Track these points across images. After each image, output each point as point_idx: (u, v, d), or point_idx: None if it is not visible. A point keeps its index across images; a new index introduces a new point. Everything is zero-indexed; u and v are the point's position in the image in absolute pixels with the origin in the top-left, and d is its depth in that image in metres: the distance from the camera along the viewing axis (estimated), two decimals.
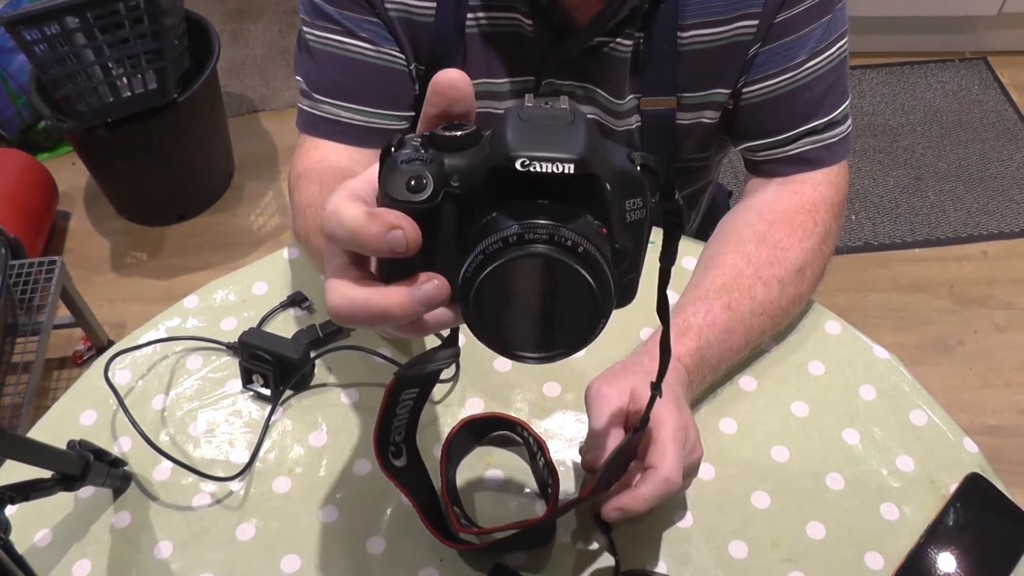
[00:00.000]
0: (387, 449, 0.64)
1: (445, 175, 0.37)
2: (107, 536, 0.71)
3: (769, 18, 0.76)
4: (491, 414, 0.73)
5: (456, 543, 0.66)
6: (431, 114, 0.39)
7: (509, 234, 0.35)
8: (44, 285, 1.63)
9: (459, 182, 0.37)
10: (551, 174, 0.35)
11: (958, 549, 0.68)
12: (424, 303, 0.37)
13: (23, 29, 1.66)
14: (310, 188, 0.75)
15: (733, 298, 0.74)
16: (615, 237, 0.39)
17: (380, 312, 0.37)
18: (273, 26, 2.58)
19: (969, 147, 2.17)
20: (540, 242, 0.35)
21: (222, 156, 2.18)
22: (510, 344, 0.38)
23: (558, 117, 0.37)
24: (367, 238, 0.36)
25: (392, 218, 0.36)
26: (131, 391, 0.80)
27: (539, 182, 0.35)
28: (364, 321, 0.38)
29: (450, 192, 0.37)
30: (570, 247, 0.35)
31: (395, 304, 0.37)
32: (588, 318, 0.37)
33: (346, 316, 0.38)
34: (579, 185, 0.36)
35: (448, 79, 0.38)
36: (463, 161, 0.37)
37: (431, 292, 0.37)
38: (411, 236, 0.36)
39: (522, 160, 0.35)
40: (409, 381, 0.60)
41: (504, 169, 0.35)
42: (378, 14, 0.78)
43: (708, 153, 0.93)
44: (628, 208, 0.39)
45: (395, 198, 0.37)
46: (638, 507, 0.60)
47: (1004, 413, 1.70)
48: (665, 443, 0.61)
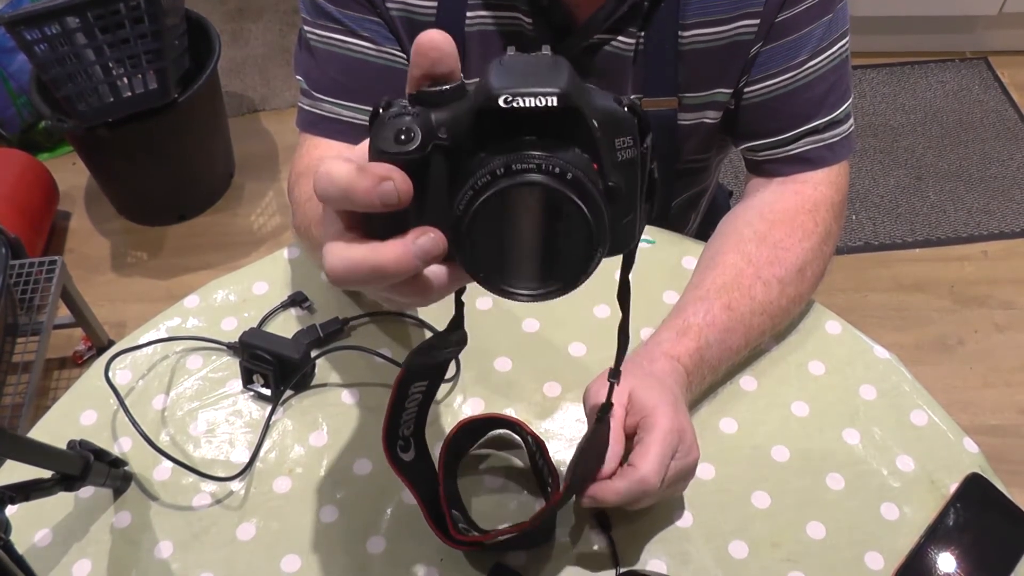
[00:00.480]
0: (395, 443, 0.64)
1: (432, 128, 0.37)
2: (107, 536, 0.71)
3: (770, 17, 0.76)
4: (490, 415, 0.73)
5: (457, 544, 0.66)
6: (416, 75, 0.39)
7: (497, 166, 0.35)
8: (44, 285, 1.63)
9: (447, 133, 0.37)
10: (535, 107, 0.35)
11: (958, 549, 0.68)
12: (420, 256, 0.37)
13: (23, 29, 1.66)
14: (310, 183, 0.75)
15: (733, 298, 0.74)
16: (607, 174, 0.38)
17: (376, 268, 0.37)
18: (273, 26, 2.58)
19: (969, 147, 2.17)
20: (530, 171, 0.35)
21: (222, 156, 2.18)
22: (505, 281, 0.38)
23: (540, 60, 0.37)
24: (358, 192, 0.36)
25: (382, 170, 0.36)
26: (131, 391, 0.80)
27: (525, 120, 0.36)
28: (361, 280, 0.38)
29: (439, 144, 0.37)
30: (559, 174, 0.35)
31: (391, 259, 0.37)
32: (583, 249, 0.37)
33: (343, 277, 0.38)
34: (565, 120, 0.36)
35: (429, 39, 0.38)
36: (449, 113, 0.38)
37: (426, 245, 0.37)
38: (402, 187, 0.36)
39: (505, 97, 0.35)
40: (419, 372, 0.59)
41: (488, 109, 0.35)
42: (379, 13, 0.78)
43: (709, 154, 0.93)
44: (618, 147, 0.39)
45: (384, 150, 0.37)
46: (609, 500, 0.61)
47: (1004, 413, 1.70)
48: (651, 444, 0.61)
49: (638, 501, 0.62)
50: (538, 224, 0.37)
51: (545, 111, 0.35)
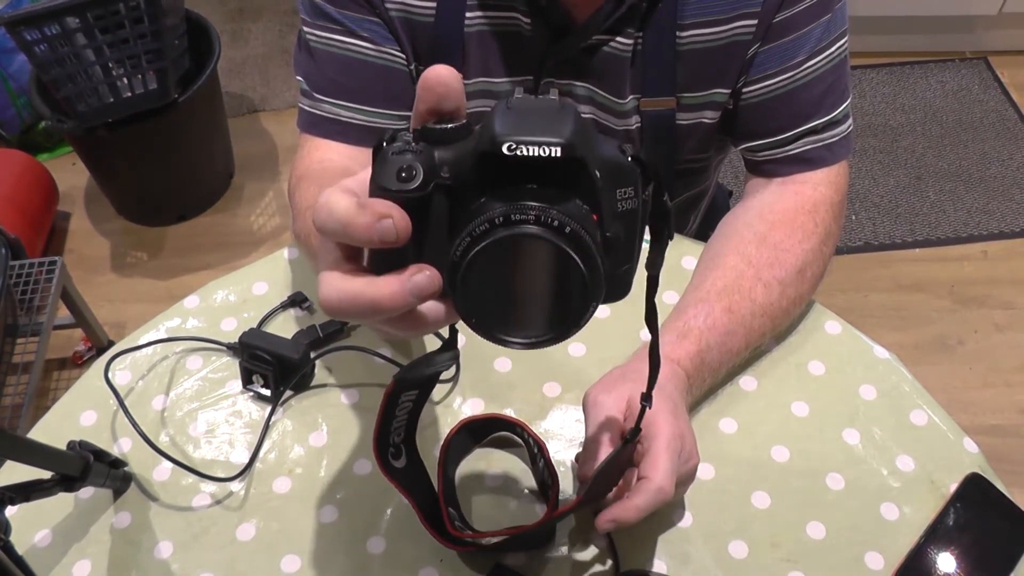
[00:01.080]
0: (387, 450, 0.64)
1: (435, 166, 0.37)
2: (107, 537, 0.71)
3: (768, 18, 0.76)
4: (490, 415, 0.73)
5: (455, 544, 0.66)
6: (421, 110, 0.39)
7: (496, 215, 0.35)
8: (44, 285, 1.63)
9: (449, 173, 0.37)
10: (538, 157, 0.35)
11: (958, 549, 0.68)
12: (415, 294, 0.37)
13: (23, 29, 1.66)
14: (311, 190, 0.75)
15: (734, 300, 0.74)
16: (606, 225, 0.38)
17: (371, 303, 0.37)
18: (273, 26, 2.58)
19: (969, 147, 2.17)
20: (527, 223, 0.35)
21: (222, 156, 2.18)
22: (498, 329, 0.38)
23: (547, 106, 0.37)
24: (357, 228, 0.36)
25: (382, 208, 0.36)
26: (131, 392, 0.80)
27: (528, 168, 0.36)
28: (355, 313, 0.38)
29: (440, 183, 0.37)
30: (557, 227, 0.35)
31: (386, 295, 0.37)
32: (577, 301, 0.37)
33: (336, 308, 0.38)
34: (567, 170, 0.36)
35: (436, 75, 0.38)
36: (453, 152, 0.38)
37: (422, 283, 0.37)
38: (400, 225, 0.36)
39: (509, 144, 0.35)
40: (408, 383, 0.60)
41: (492, 154, 0.35)
42: (378, 14, 0.78)
43: (708, 154, 0.92)
44: (619, 197, 0.39)
45: (386, 188, 0.37)
46: (630, 518, 0.60)
47: (1004, 413, 1.70)
48: (659, 453, 0.61)
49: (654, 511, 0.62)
50: (533, 275, 0.37)
51: (548, 161, 0.35)
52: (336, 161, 0.79)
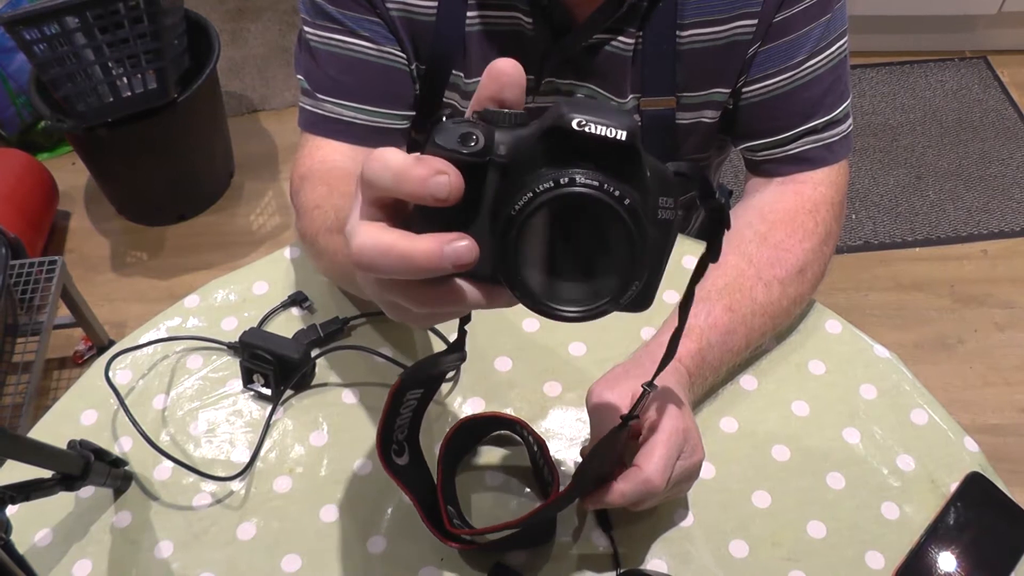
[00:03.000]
0: (389, 447, 0.65)
1: (494, 143, 0.38)
2: (107, 536, 0.71)
3: (768, 17, 0.76)
4: (490, 414, 0.73)
5: (455, 542, 0.66)
6: (483, 96, 0.40)
7: (559, 175, 0.36)
8: (44, 285, 1.63)
9: (506, 151, 0.38)
10: (604, 137, 0.36)
11: (958, 548, 0.68)
12: (452, 258, 0.36)
13: (23, 29, 1.66)
14: (317, 189, 0.75)
15: (735, 299, 0.74)
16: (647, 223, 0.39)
17: (405, 256, 0.36)
18: (273, 26, 2.58)
19: (969, 146, 2.17)
20: (591, 185, 0.36)
21: (222, 156, 2.18)
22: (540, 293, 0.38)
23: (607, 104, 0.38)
24: (411, 179, 0.36)
25: (439, 164, 0.36)
26: (132, 391, 0.80)
27: (589, 150, 0.36)
28: (387, 266, 0.37)
29: (496, 161, 0.38)
30: (618, 197, 0.36)
31: (421, 251, 0.36)
32: (621, 276, 0.38)
33: (369, 258, 0.37)
34: (625, 159, 0.37)
35: (503, 65, 0.39)
36: (511, 135, 0.38)
37: (461, 250, 0.36)
38: (455, 183, 0.36)
39: (579, 120, 0.36)
40: (414, 382, 0.60)
41: (559, 128, 0.36)
42: (379, 13, 0.78)
43: (708, 154, 0.93)
44: (661, 205, 0.40)
45: (445, 147, 0.37)
46: (614, 501, 0.61)
47: (1004, 412, 1.70)
48: (655, 445, 0.61)
49: (643, 502, 0.62)
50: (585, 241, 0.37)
51: (612, 143, 0.36)
52: (339, 162, 0.79)
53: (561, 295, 0.38)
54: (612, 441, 0.61)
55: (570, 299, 0.38)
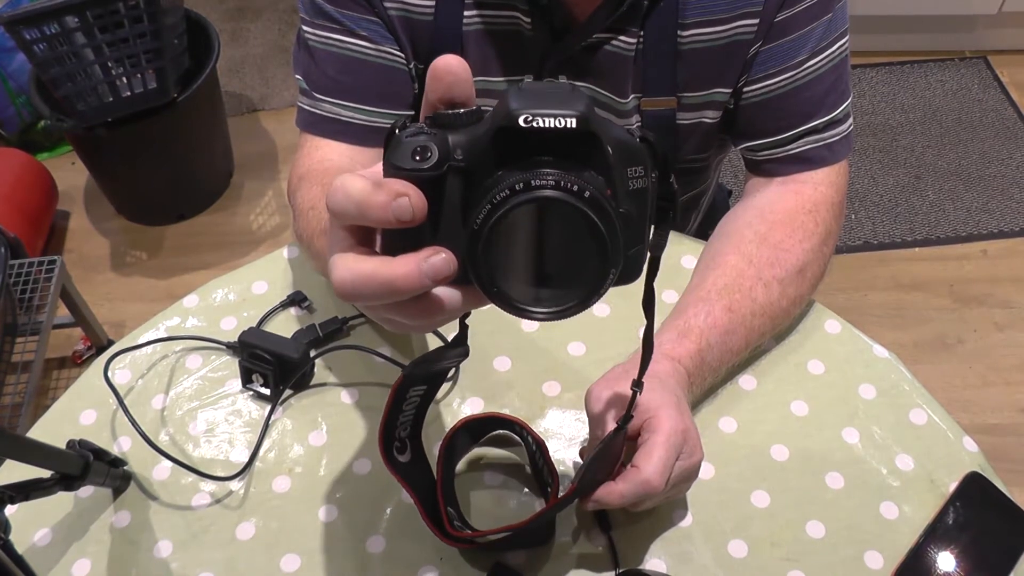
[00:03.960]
0: (391, 444, 0.64)
1: (449, 149, 0.38)
2: (107, 536, 0.71)
3: (770, 17, 0.76)
4: (489, 414, 0.73)
5: (455, 541, 0.66)
6: (432, 99, 0.40)
7: (515, 182, 0.36)
8: (44, 285, 1.63)
9: (463, 155, 0.38)
10: (554, 128, 0.35)
11: (958, 548, 0.68)
12: (431, 275, 0.37)
13: (23, 29, 1.66)
14: (312, 190, 0.75)
15: (734, 300, 0.74)
16: (619, 201, 0.39)
17: (386, 283, 0.37)
18: (273, 25, 2.58)
19: (969, 146, 2.17)
20: (547, 187, 0.36)
21: (222, 155, 2.18)
22: (519, 299, 0.38)
23: (559, 88, 0.38)
24: (373, 207, 0.36)
25: (398, 186, 0.36)
26: (131, 391, 0.80)
27: (543, 142, 0.36)
28: (369, 295, 0.37)
29: (455, 166, 0.38)
30: (577, 191, 0.36)
31: (401, 274, 0.36)
32: (598, 268, 0.37)
33: (351, 290, 0.37)
34: (581, 144, 0.37)
35: (446, 64, 0.39)
36: (466, 136, 0.38)
37: (438, 264, 0.37)
38: (417, 204, 0.36)
39: (525, 116, 0.35)
40: (417, 378, 0.59)
41: (508, 128, 0.36)
42: (377, 13, 0.78)
43: (708, 153, 0.92)
44: (630, 175, 0.39)
45: (400, 167, 0.37)
46: (612, 502, 0.61)
47: (1004, 412, 1.70)
48: (654, 446, 0.61)
49: (642, 503, 0.62)
50: (554, 241, 0.37)
51: (564, 132, 0.36)
52: (336, 161, 0.79)
53: (538, 296, 0.38)
54: (610, 445, 0.61)
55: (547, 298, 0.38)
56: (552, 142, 0.36)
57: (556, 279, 0.38)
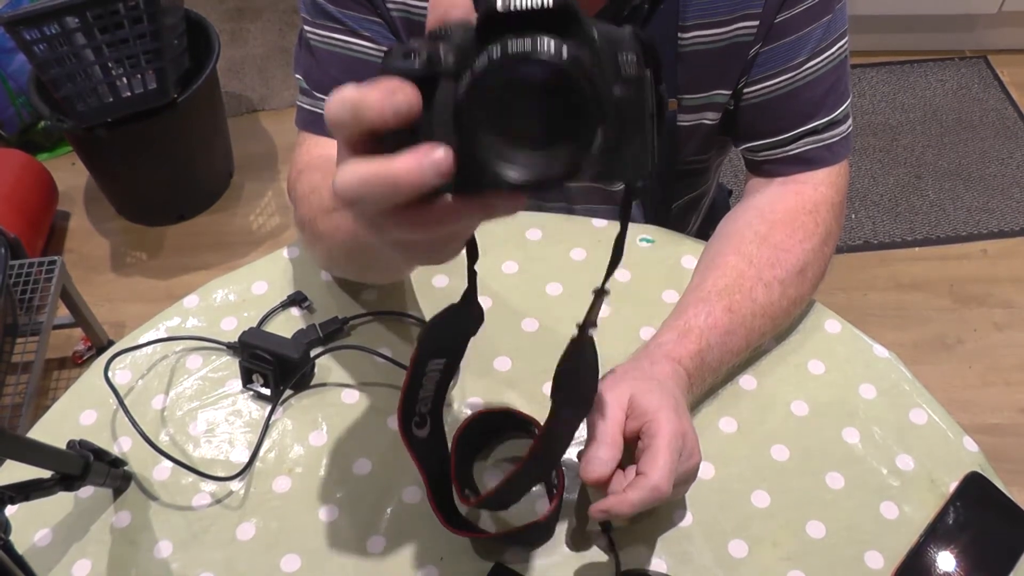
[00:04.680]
0: (411, 419, 0.64)
1: (440, 55, 0.38)
2: (107, 536, 0.71)
3: (769, 18, 0.76)
4: (502, 408, 0.73)
5: (457, 529, 0.66)
6: (431, 22, 0.40)
7: (493, 51, 0.36)
8: (44, 285, 1.63)
9: (453, 60, 0.38)
10: (533, 8, 0.35)
11: (958, 548, 0.68)
12: (432, 168, 0.37)
13: (23, 29, 1.66)
14: (314, 176, 0.75)
15: (734, 300, 0.74)
16: (611, 82, 0.38)
17: (389, 180, 0.37)
18: (273, 26, 2.58)
19: (969, 145, 2.17)
20: (523, 51, 0.35)
21: (222, 156, 2.18)
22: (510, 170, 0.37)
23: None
24: (369, 105, 0.36)
25: (391, 83, 0.37)
26: (131, 391, 0.80)
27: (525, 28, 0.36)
28: (373, 194, 0.37)
29: (446, 71, 0.38)
30: (553, 51, 0.35)
31: (403, 169, 0.37)
32: (585, 125, 0.37)
33: (355, 192, 0.38)
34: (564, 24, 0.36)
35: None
36: (455, 41, 0.38)
37: (438, 156, 0.37)
38: (412, 97, 0.37)
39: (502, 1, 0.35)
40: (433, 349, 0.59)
41: (488, 17, 0.36)
42: (380, 14, 0.78)
43: (709, 155, 0.93)
44: (622, 62, 0.39)
45: (392, 67, 0.38)
46: (624, 511, 0.60)
47: (1004, 412, 1.70)
48: (658, 451, 0.61)
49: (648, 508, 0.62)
50: (537, 103, 0.36)
51: (543, 11, 0.35)
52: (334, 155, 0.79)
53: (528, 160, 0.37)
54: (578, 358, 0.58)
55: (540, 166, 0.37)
56: (535, 23, 0.36)
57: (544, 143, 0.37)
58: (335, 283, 0.87)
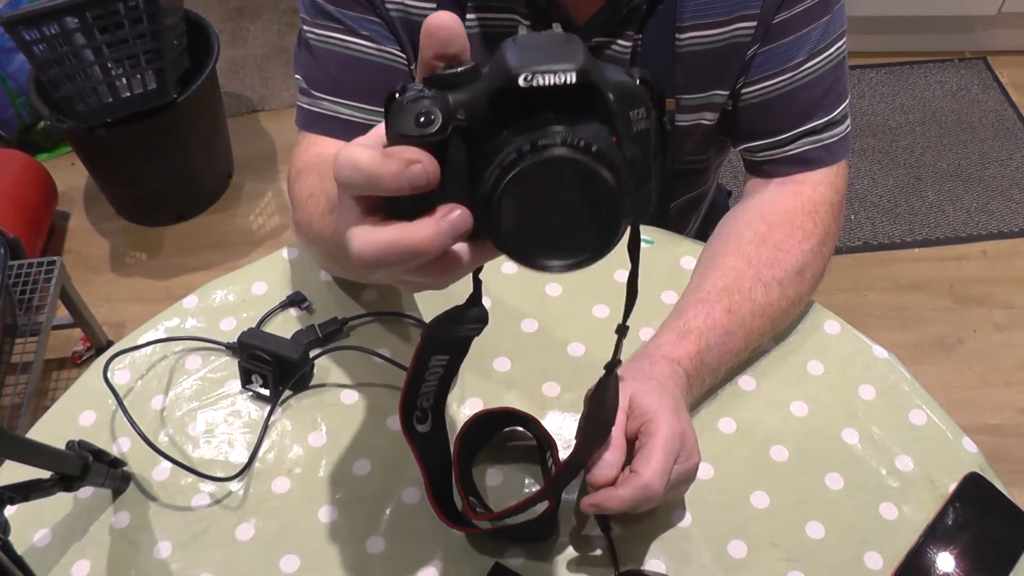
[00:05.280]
0: (412, 413, 0.64)
1: (451, 110, 0.38)
2: (106, 536, 0.71)
3: (768, 19, 0.76)
4: (505, 408, 0.73)
5: (456, 524, 0.66)
6: (427, 57, 0.39)
7: (522, 143, 0.36)
8: (43, 285, 1.63)
9: (465, 115, 0.38)
10: (554, 85, 0.35)
11: (957, 549, 0.68)
12: (451, 233, 0.37)
13: (23, 29, 1.66)
14: (310, 178, 0.75)
15: (734, 301, 0.74)
16: (624, 147, 0.39)
17: (409, 248, 0.37)
18: (272, 26, 2.58)
19: (968, 147, 2.17)
20: (555, 146, 0.36)
21: (221, 156, 2.18)
22: (536, 254, 0.38)
23: (554, 38, 0.38)
24: (385, 177, 0.36)
25: (409, 153, 0.36)
26: (130, 391, 0.80)
27: (544, 98, 0.36)
28: (392, 261, 0.37)
29: (458, 126, 0.38)
30: (583, 147, 0.36)
31: (422, 237, 0.37)
32: (610, 218, 0.37)
33: (373, 260, 0.37)
34: (583, 96, 0.37)
35: (439, 21, 0.38)
36: (466, 95, 0.38)
37: (456, 221, 0.37)
38: (430, 168, 0.36)
39: (524, 75, 0.35)
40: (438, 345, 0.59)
41: (508, 89, 0.36)
42: (379, 13, 0.78)
43: (707, 155, 0.93)
44: (633, 119, 0.39)
45: (406, 134, 0.37)
46: (613, 507, 0.60)
47: (1003, 412, 1.70)
48: (653, 450, 0.61)
49: (640, 507, 0.62)
50: (566, 197, 0.37)
51: (564, 88, 0.36)
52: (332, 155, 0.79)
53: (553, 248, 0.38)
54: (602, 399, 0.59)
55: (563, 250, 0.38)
56: (553, 96, 0.36)
57: (571, 232, 0.38)
58: (334, 283, 0.87)
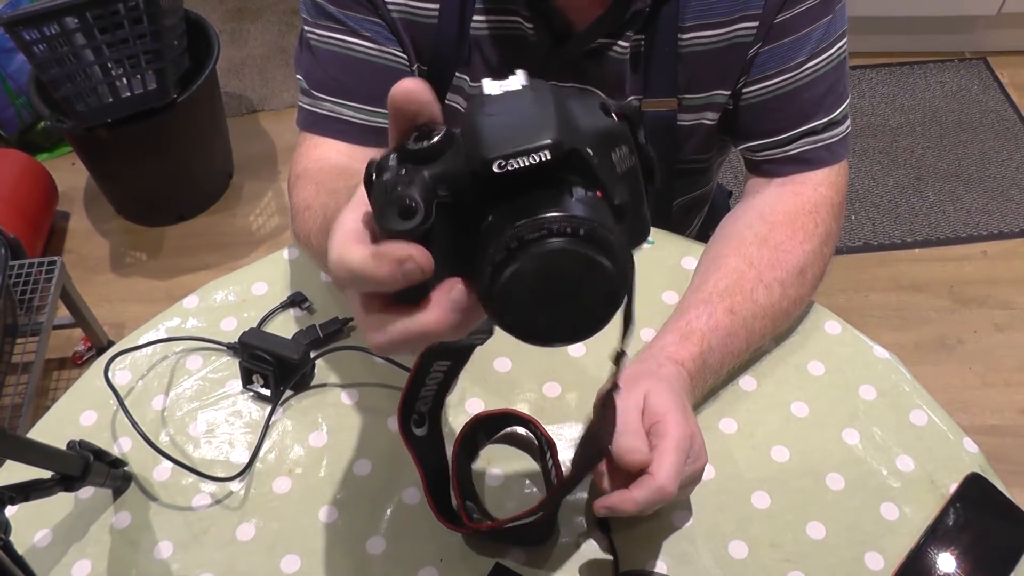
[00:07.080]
0: (410, 416, 0.65)
1: (432, 189, 0.37)
2: (107, 536, 0.71)
3: (769, 19, 0.76)
4: (504, 410, 0.73)
5: (456, 526, 0.66)
6: (401, 130, 0.39)
7: (509, 241, 0.36)
8: (44, 285, 1.63)
9: (447, 191, 0.37)
10: (529, 167, 0.35)
11: (958, 549, 0.68)
12: (455, 310, 0.38)
13: (23, 29, 1.66)
14: (307, 188, 0.75)
15: (736, 301, 0.74)
16: (613, 195, 0.38)
17: (421, 334, 0.38)
18: (273, 26, 2.58)
19: (969, 147, 2.17)
20: (544, 238, 0.36)
21: (221, 156, 2.18)
22: (539, 334, 0.39)
23: (522, 101, 0.37)
24: (380, 279, 0.37)
25: (399, 252, 0.36)
26: (131, 391, 0.80)
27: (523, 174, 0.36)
28: (410, 347, 0.39)
29: (440, 203, 0.38)
30: (571, 233, 0.36)
31: (432, 322, 0.38)
32: (608, 294, 0.38)
33: (390, 348, 0.39)
34: (561, 163, 0.36)
35: (404, 92, 0.38)
36: (444, 168, 0.37)
37: (459, 298, 0.38)
38: (423, 262, 0.36)
39: (499, 162, 0.35)
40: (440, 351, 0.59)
41: (484, 175, 0.35)
42: (380, 15, 0.78)
43: (709, 155, 0.93)
44: (616, 160, 0.39)
45: (394, 229, 0.37)
46: (628, 510, 0.60)
47: (1004, 413, 1.70)
48: (666, 452, 0.61)
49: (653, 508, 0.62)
50: (564, 284, 0.37)
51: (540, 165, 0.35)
52: (334, 159, 0.79)
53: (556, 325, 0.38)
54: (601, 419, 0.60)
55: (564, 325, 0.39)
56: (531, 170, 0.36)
57: (571, 312, 0.38)
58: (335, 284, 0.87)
